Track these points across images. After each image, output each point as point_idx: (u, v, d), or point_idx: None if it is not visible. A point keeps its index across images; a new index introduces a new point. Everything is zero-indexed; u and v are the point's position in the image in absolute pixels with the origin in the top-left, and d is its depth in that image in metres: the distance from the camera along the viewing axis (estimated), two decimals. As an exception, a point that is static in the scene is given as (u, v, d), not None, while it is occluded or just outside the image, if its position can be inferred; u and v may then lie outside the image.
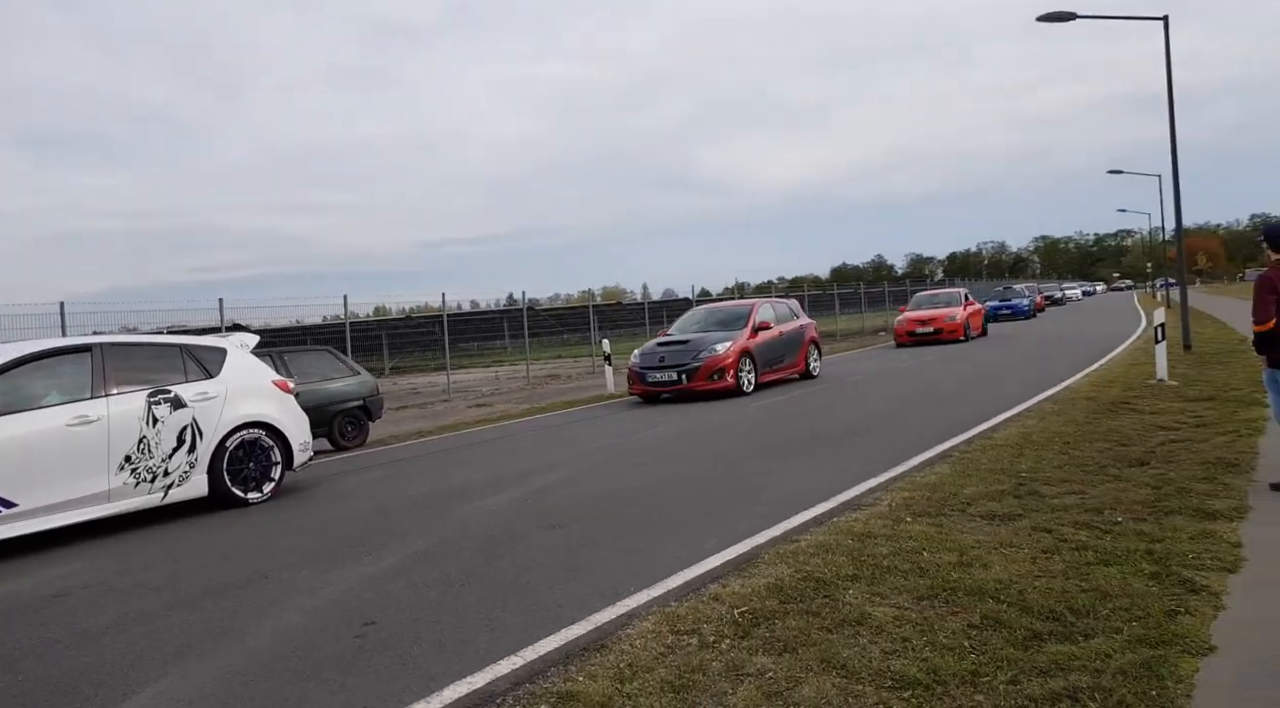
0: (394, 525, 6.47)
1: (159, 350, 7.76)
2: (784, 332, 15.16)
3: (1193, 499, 5.39)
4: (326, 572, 5.29)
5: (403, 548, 5.73)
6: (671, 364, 13.54)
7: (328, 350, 13.23)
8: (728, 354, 13.50)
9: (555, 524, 6.03)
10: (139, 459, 7.09)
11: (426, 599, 4.56)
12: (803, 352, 15.64)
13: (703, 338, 13.97)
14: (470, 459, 9.76)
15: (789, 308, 16.18)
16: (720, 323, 14.74)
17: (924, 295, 26.75)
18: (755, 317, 14.62)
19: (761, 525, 5.51)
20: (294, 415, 8.38)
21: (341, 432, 12.45)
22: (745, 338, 14.05)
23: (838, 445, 8.46)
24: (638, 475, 7.63)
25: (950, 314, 23.51)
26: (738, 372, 13.52)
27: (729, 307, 15.96)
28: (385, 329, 36.70)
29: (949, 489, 6.12)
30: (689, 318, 15.75)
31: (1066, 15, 15.51)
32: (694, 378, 13.30)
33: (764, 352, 14.34)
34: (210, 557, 5.98)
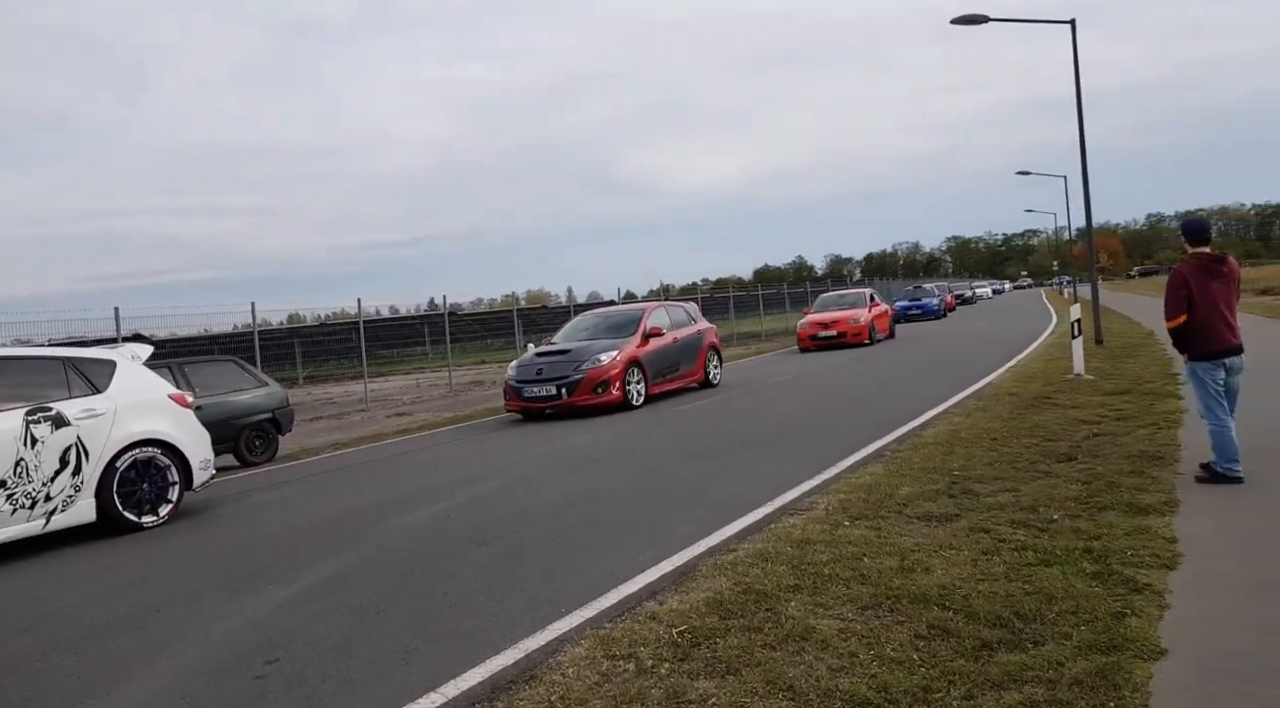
0: (304, 547, 6.05)
1: (38, 364, 7.13)
2: (679, 338, 14.14)
3: (1123, 494, 5.41)
4: (227, 602, 4.86)
5: (313, 572, 5.33)
6: (550, 377, 12.35)
7: (232, 361, 12.52)
8: (613, 364, 12.38)
9: (481, 541, 5.71)
10: (16, 484, 6.48)
11: (338, 629, 4.20)
12: (701, 358, 14.65)
13: (586, 347, 12.89)
14: (389, 473, 9.32)
15: (686, 312, 15.22)
16: (609, 330, 13.68)
17: (829, 297, 25.36)
18: (646, 322, 13.57)
19: (698, 534, 5.30)
20: (193, 432, 7.82)
21: (249, 447, 11.79)
22: (634, 346, 12.97)
23: (759, 450, 8.34)
24: (569, 485, 7.35)
25: (854, 316, 22.23)
26: (625, 383, 12.42)
27: (618, 312, 14.80)
28: (299, 337, 35.45)
29: (884, 490, 6.03)
30: (576, 325, 14.72)
31: (979, 18, 15.88)
32: (575, 392, 12.14)
33: (656, 360, 13.33)
34: (95, 591, 5.46)
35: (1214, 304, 5.67)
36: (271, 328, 32.00)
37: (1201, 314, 5.67)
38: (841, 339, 21.70)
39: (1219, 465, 5.63)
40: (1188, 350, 5.82)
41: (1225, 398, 5.76)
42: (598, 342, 13.07)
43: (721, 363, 15.62)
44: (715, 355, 15.19)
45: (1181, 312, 5.74)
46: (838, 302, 24.10)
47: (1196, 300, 5.68)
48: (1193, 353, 5.79)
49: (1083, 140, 16.10)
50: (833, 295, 25.27)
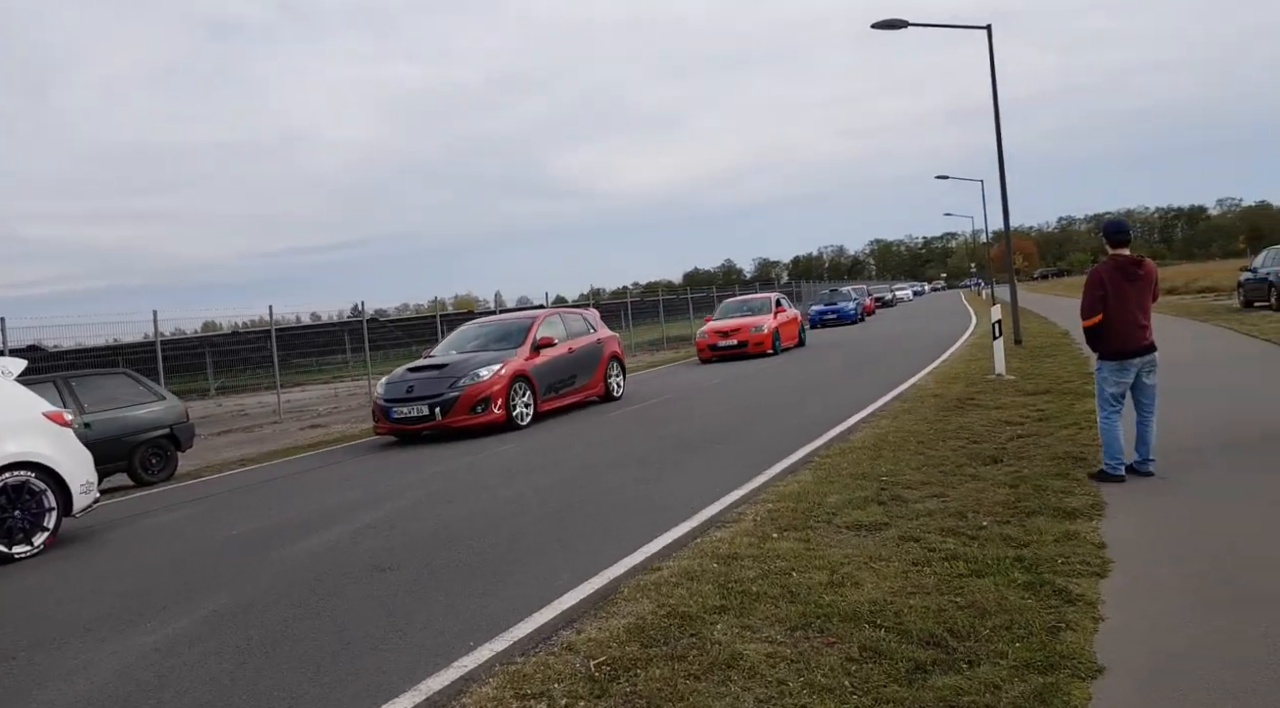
0: (192, 578, 5.57)
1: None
2: (575, 348, 13.11)
3: (1050, 497, 5.36)
4: (98, 645, 4.39)
5: (198, 607, 4.88)
6: (422, 396, 11.10)
7: (125, 373, 11.76)
8: (495, 380, 11.19)
9: (386, 566, 5.33)
10: None
11: (220, 674, 3.80)
12: (600, 370, 13.64)
13: (465, 361, 11.67)
14: (293, 492, 8.80)
15: (584, 319, 14.26)
16: (497, 340, 12.56)
17: (733, 302, 23.14)
18: (536, 332, 12.51)
19: (619, 553, 5.04)
20: (72, 452, 7.22)
21: (144, 465, 11.08)
22: (521, 358, 11.84)
23: (681, 462, 8.13)
24: (480, 504, 7.00)
25: (756, 324, 20.33)
26: (509, 400, 11.27)
27: (506, 321, 13.64)
28: (210, 347, 33.98)
29: (813, 498, 5.87)
30: (460, 335, 13.47)
31: (899, 23, 16.09)
32: (451, 412, 10.92)
33: (548, 373, 12.24)
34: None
35: (1128, 306, 5.70)
36: (184, 336, 30.59)
37: (1115, 315, 5.71)
38: (743, 349, 20.01)
39: (1105, 464, 5.70)
40: (1099, 349, 5.86)
41: (1145, 397, 5.81)
42: (480, 354, 11.96)
43: (625, 374, 14.68)
44: (617, 366, 14.28)
45: (1097, 312, 5.77)
46: (740, 308, 22.21)
47: (1111, 302, 5.71)
48: (1104, 352, 5.82)
49: (999, 140, 16.45)
50: (736, 301, 23.39)
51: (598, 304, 37.10)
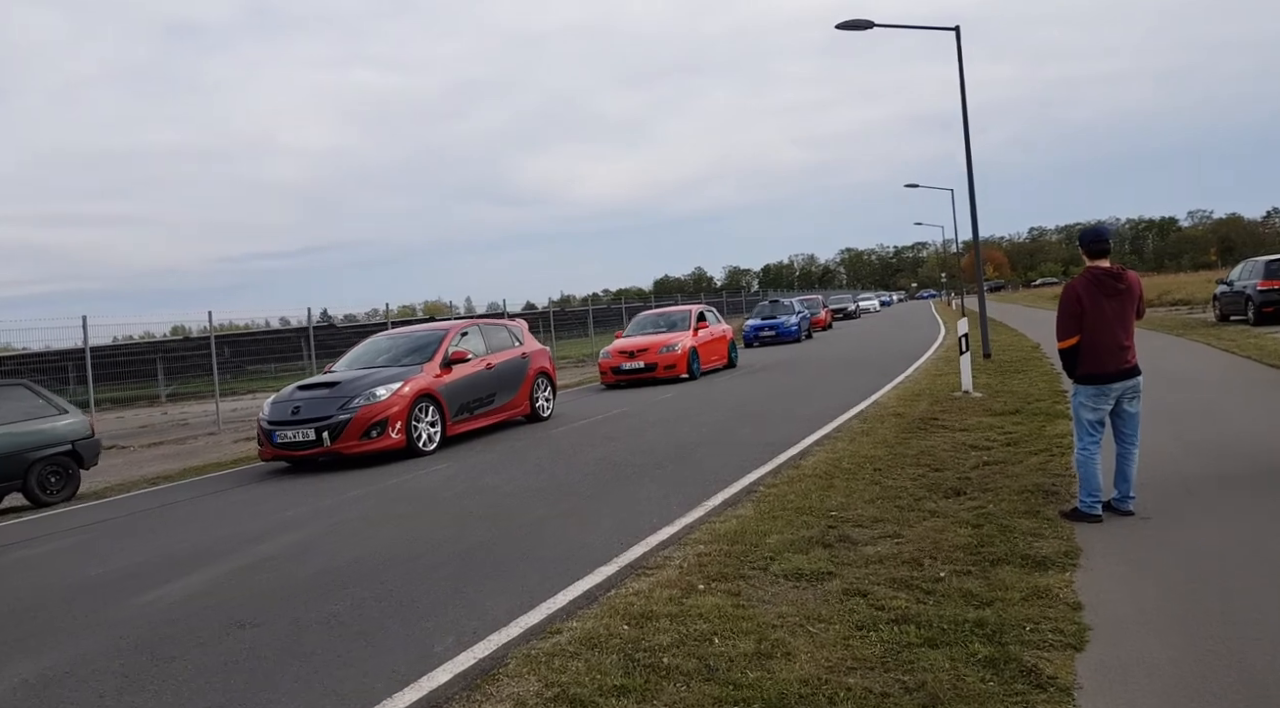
0: (25, 631, 4.78)
1: None
2: (494, 364, 11.94)
3: (1018, 541, 4.72)
4: None
5: (10, 672, 4.09)
6: (309, 418, 9.96)
7: (24, 385, 10.80)
8: (393, 400, 10.05)
9: (247, 621, 4.57)
10: None
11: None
12: (525, 388, 12.50)
13: (361, 378, 10.54)
14: (187, 518, 7.98)
15: (508, 332, 13.05)
16: (406, 354, 11.43)
17: (648, 316, 20.25)
18: (447, 346, 11.38)
19: (517, 608, 4.32)
20: None
21: (41, 484, 10.16)
22: (428, 375, 10.75)
23: (606, 494, 7.42)
24: (380, 541, 6.24)
25: (668, 343, 17.42)
26: (409, 423, 10.14)
27: (418, 333, 12.36)
28: (162, 352, 32.82)
29: (751, 538, 5.19)
30: (368, 348, 12.14)
31: (864, 24, 15.60)
32: (341, 436, 9.77)
33: (460, 392, 11.11)
34: None
35: (1108, 324, 5.08)
36: (133, 342, 29.49)
37: (1093, 334, 5.08)
38: (651, 373, 17.00)
39: (1080, 502, 5.08)
40: (1076, 373, 5.21)
41: (1126, 427, 5.20)
42: (380, 371, 10.81)
43: (555, 392, 13.52)
44: (546, 384, 13.11)
45: (1074, 332, 5.13)
46: (655, 323, 19.34)
47: (1089, 320, 5.08)
48: (1081, 376, 5.18)
49: (968, 146, 15.98)
50: (651, 315, 20.42)
51: (528, 315, 36.31)
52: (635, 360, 17.26)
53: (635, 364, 17.21)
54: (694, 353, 17.62)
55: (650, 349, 17.34)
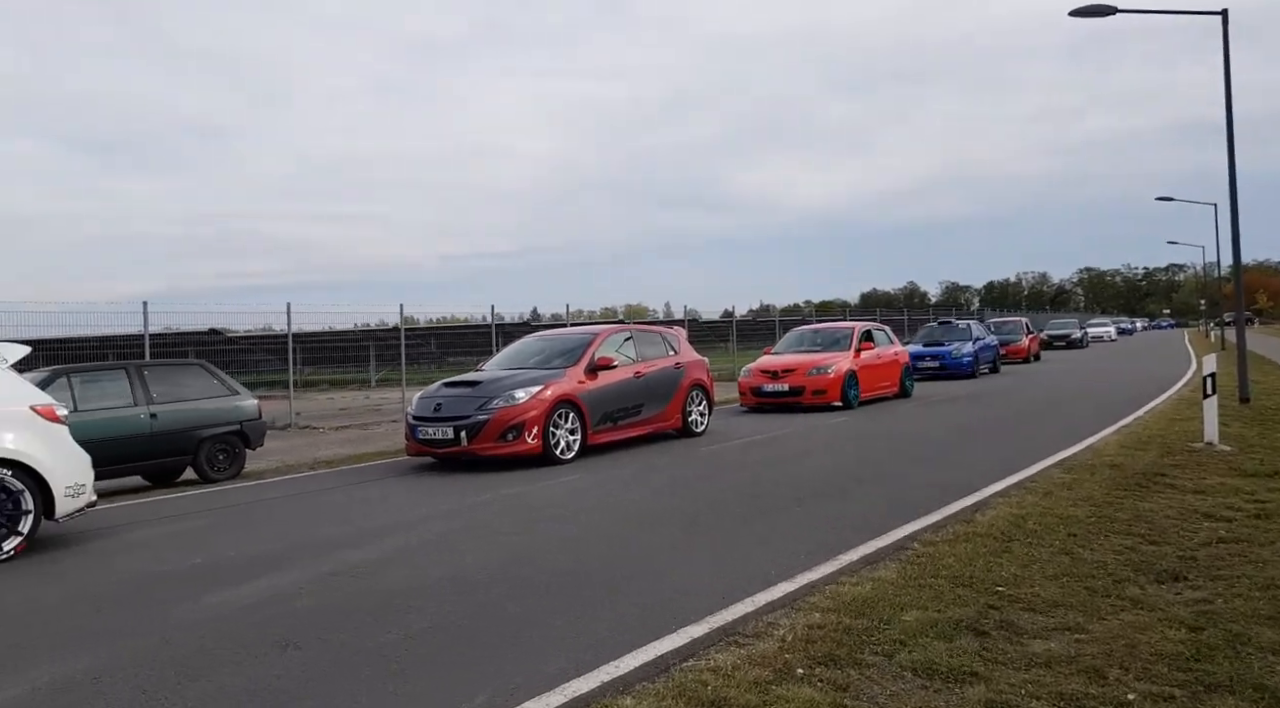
0: (90, 623, 4.76)
1: None
2: (643, 372, 11.49)
3: (1252, 661, 3.54)
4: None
5: (54, 667, 4.01)
6: (449, 416, 10.01)
7: (200, 365, 11.55)
8: (531, 404, 9.87)
9: (292, 642, 4.25)
10: None
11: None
12: (678, 400, 11.93)
13: (503, 378, 10.48)
14: (309, 510, 8.06)
15: (663, 340, 12.45)
16: (553, 357, 11.25)
17: (804, 332, 18.26)
18: (594, 351, 11.04)
19: (572, 669, 3.69)
20: (61, 451, 6.73)
21: (210, 461, 10.78)
22: (570, 380, 10.49)
23: (730, 530, 6.60)
24: (473, 558, 5.84)
25: (821, 363, 15.54)
26: (547, 428, 9.91)
27: (566, 336, 12.13)
28: (374, 340, 35.37)
29: (881, 612, 4.27)
30: (518, 349, 12.12)
31: (1104, 10, 13.68)
32: (478, 436, 9.73)
33: (604, 400, 10.74)
34: None
35: None
36: (351, 330, 31.86)
37: None
38: (796, 397, 15.30)
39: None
40: None
41: None
42: (522, 372, 10.70)
43: (711, 406, 12.81)
44: (701, 397, 12.45)
45: None
46: (811, 339, 17.48)
47: None
48: None
49: (1231, 153, 13.66)
50: (807, 330, 18.38)
51: (717, 325, 35.43)
52: (779, 382, 15.52)
53: (778, 387, 15.51)
54: (851, 377, 15.67)
55: (798, 370, 15.53)
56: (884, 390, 16.96)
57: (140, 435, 10.22)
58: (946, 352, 22.47)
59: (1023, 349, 28.58)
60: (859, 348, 16.44)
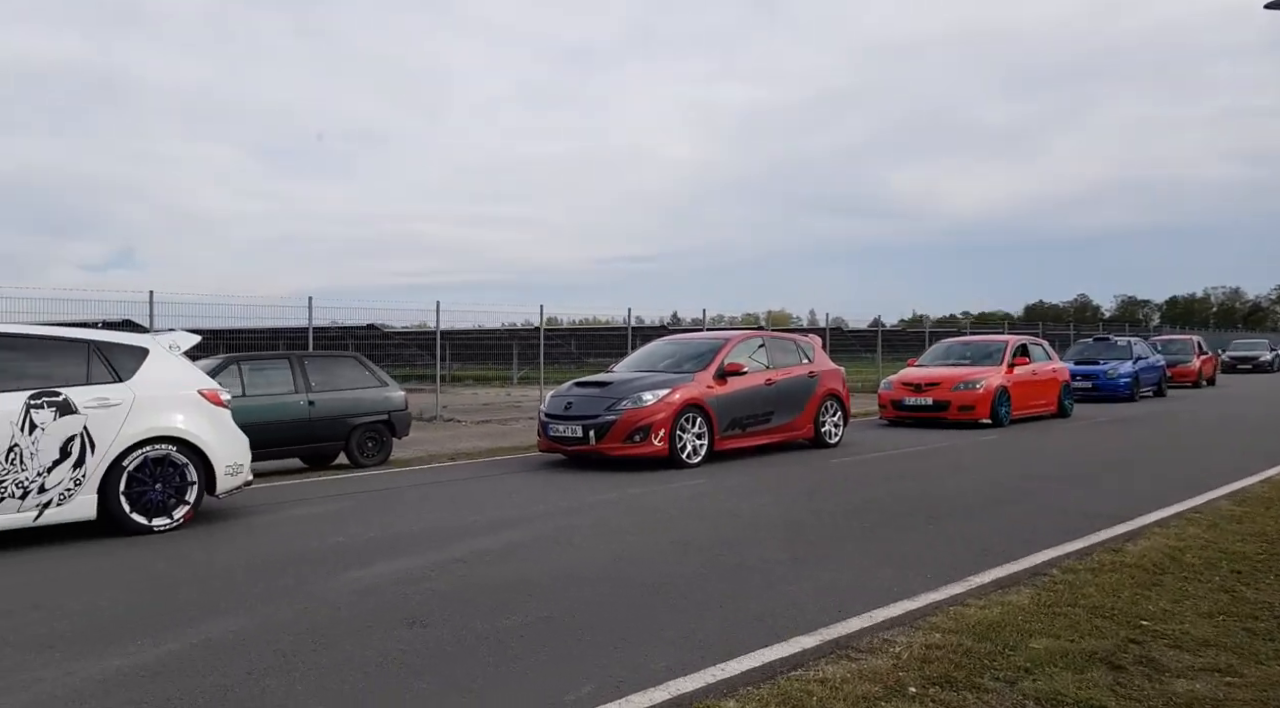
0: (240, 590, 5.18)
1: (59, 345, 6.81)
2: (775, 380, 11.43)
3: None
4: (45, 665, 4.02)
5: (205, 629, 4.40)
6: (578, 415, 10.31)
7: (354, 358, 12.36)
8: (659, 407, 10.00)
9: (417, 620, 4.52)
10: (6, 471, 6.21)
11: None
12: (810, 409, 11.84)
13: (632, 380, 10.65)
14: (443, 498, 8.46)
15: (797, 348, 12.36)
16: (683, 361, 11.31)
17: (952, 344, 17.64)
18: (723, 357, 11.04)
19: (678, 667, 3.75)
20: (223, 432, 7.34)
21: (360, 447, 11.51)
22: (700, 385, 10.54)
23: (854, 542, 6.44)
24: (588, 554, 5.99)
25: (969, 378, 14.92)
26: (674, 431, 10.03)
27: (696, 340, 12.15)
28: (517, 339, 36.77)
29: (1007, 637, 4.11)
30: (649, 352, 12.22)
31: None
32: (606, 436, 9.98)
33: (732, 406, 10.77)
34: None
35: None
36: (497, 329, 33.29)
37: None
38: (939, 412, 14.85)
39: None
40: None
41: None
42: (651, 375, 10.87)
43: (846, 417, 12.60)
44: (835, 407, 12.30)
45: None
46: (960, 352, 16.83)
47: None
48: None
49: None
50: (956, 342, 17.66)
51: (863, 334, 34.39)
52: (922, 396, 15.08)
53: (921, 400, 15.07)
54: (1003, 393, 15.04)
55: (944, 384, 15.00)
56: (1039, 409, 16.22)
57: (300, 421, 11.04)
58: (1101, 371, 20.98)
59: (1191, 372, 26.04)
60: (1013, 363, 15.84)
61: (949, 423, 14.87)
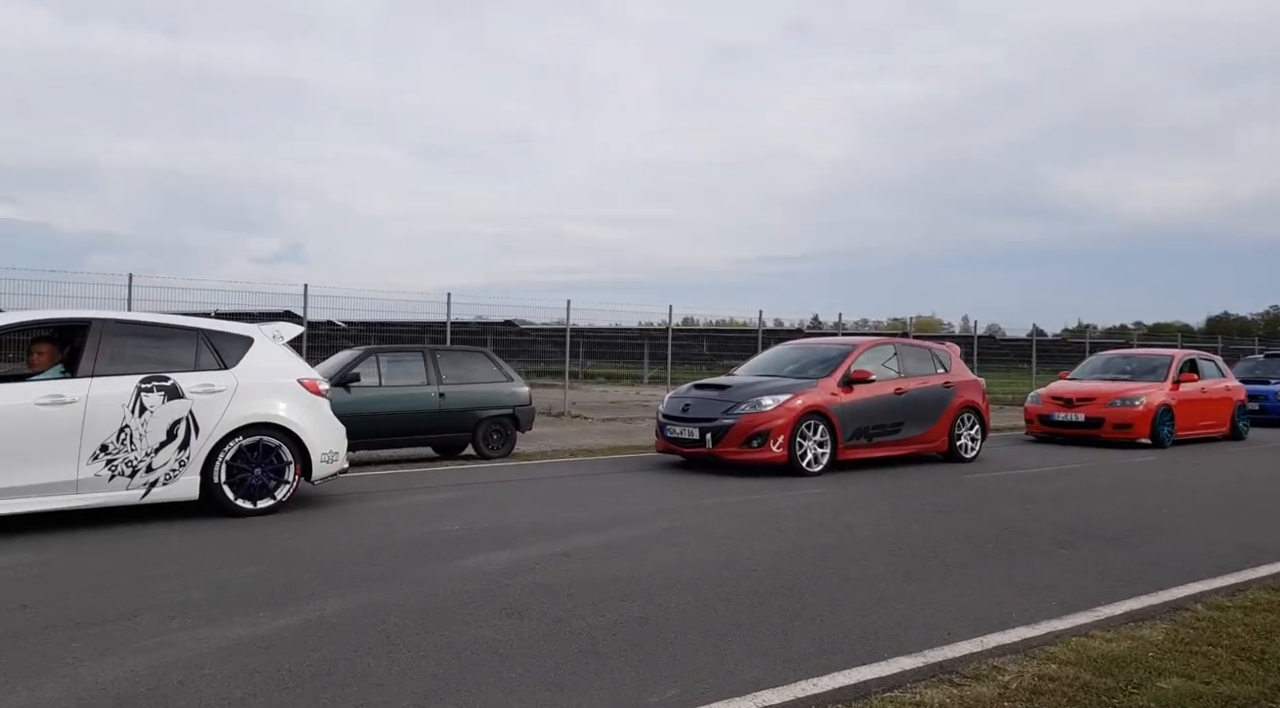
0: (355, 571, 5.46)
1: (171, 333, 7.23)
2: (906, 389, 11.15)
3: None
4: (202, 626, 4.36)
5: (321, 605, 4.68)
6: (696, 418, 10.32)
7: (483, 353, 12.83)
8: (778, 412, 9.88)
9: (517, 611, 4.64)
10: (117, 451, 6.63)
11: (231, 700, 3.42)
12: (944, 421, 11.50)
13: (752, 384, 10.58)
14: (557, 493, 8.67)
15: (932, 357, 11.99)
16: (806, 366, 11.19)
17: (1111, 357, 16.79)
18: (850, 363, 10.82)
19: (765, 678, 3.70)
20: (321, 421, 7.62)
21: (486, 440, 11.94)
22: (823, 392, 10.34)
23: (976, 562, 6.12)
24: (692, 557, 5.97)
25: (1126, 394, 14.19)
26: (793, 438, 9.88)
27: (821, 345, 11.99)
28: (648, 339, 37.19)
29: (1133, 674, 3.84)
30: (773, 356, 12.17)
31: None
32: (722, 440, 9.94)
33: (857, 414, 10.53)
34: (101, 579, 5.34)
35: None
36: (627, 328, 33.92)
37: None
38: (1092, 429, 14.14)
39: None
40: None
41: None
42: (772, 380, 10.78)
43: (985, 431, 12.13)
44: (972, 420, 11.90)
45: None
46: (1119, 366, 15.99)
47: None
48: None
49: None
50: (1116, 356, 16.77)
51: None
52: (1074, 411, 14.45)
53: (1072, 416, 14.42)
54: (1165, 412, 14.22)
55: (1098, 399, 14.35)
56: (1208, 430, 15.20)
57: (430, 411, 11.55)
58: (1271, 392, 19.23)
59: None
60: (1178, 379, 14.90)
61: (1102, 442, 14.16)
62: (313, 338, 20.48)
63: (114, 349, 6.80)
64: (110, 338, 6.81)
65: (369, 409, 10.90)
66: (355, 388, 10.94)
